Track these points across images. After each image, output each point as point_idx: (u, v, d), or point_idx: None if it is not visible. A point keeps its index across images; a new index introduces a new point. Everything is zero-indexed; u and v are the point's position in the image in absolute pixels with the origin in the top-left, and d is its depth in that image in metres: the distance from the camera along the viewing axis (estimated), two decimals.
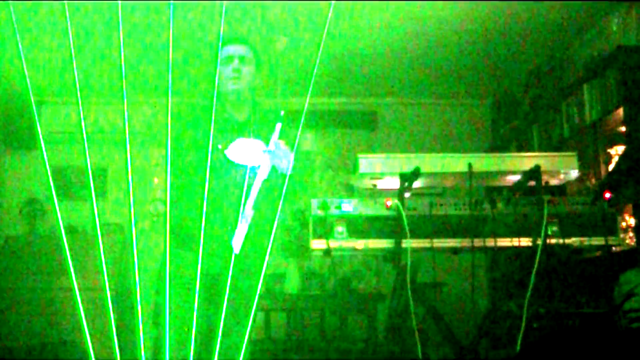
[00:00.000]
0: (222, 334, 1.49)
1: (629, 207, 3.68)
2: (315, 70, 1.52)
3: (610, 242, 3.11)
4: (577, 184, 4.14)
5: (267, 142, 2.55)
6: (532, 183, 3.03)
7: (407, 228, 2.90)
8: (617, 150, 4.00)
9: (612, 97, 3.93)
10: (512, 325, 2.89)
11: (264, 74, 2.96)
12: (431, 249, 3.01)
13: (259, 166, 2.45)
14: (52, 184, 1.37)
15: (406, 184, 2.98)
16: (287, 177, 2.47)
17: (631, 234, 3.74)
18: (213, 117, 2.17)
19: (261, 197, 2.40)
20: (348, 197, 3.11)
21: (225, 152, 2.50)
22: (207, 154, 1.88)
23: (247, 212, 2.37)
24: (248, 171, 2.49)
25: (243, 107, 2.77)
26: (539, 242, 2.86)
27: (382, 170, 3.07)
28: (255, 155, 2.46)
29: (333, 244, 3.00)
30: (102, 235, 1.40)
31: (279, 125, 2.54)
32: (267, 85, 5.13)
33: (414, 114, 6.12)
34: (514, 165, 3.13)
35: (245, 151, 2.51)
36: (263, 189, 2.40)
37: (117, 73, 1.36)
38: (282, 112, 2.63)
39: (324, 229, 3.00)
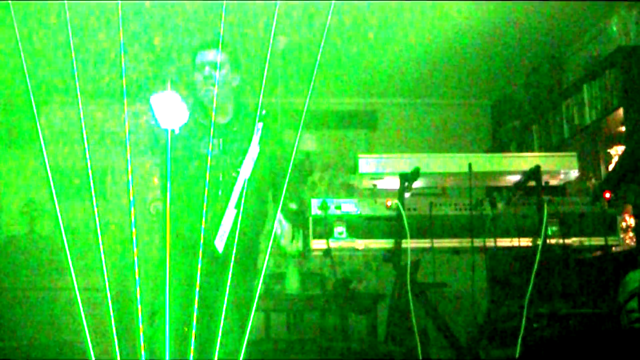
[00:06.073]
0: (199, 334, 1.48)
1: (629, 207, 3.68)
2: (315, 71, 1.52)
3: (610, 242, 3.11)
4: (577, 184, 4.14)
5: (249, 143, 2.54)
6: (532, 183, 3.03)
7: (407, 228, 2.89)
8: (617, 150, 4.00)
9: (612, 97, 3.93)
10: (512, 326, 2.88)
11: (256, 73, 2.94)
12: (431, 249, 3.01)
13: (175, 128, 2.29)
14: (52, 184, 1.37)
15: (406, 184, 2.98)
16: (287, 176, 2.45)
17: (631, 234, 3.74)
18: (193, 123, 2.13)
19: (244, 197, 2.41)
20: (348, 197, 3.11)
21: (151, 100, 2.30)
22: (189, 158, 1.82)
23: (229, 211, 2.38)
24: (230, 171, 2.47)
25: (225, 110, 2.80)
26: (539, 242, 2.86)
27: (382, 170, 3.07)
28: (175, 113, 2.27)
29: (333, 244, 3.00)
30: (102, 235, 1.40)
31: (260, 125, 2.55)
32: (268, 85, 5.11)
33: (414, 114, 6.11)
34: (514, 165, 3.13)
35: (167, 107, 2.28)
36: (246, 189, 2.41)
37: (117, 73, 1.36)
38: (264, 111, 2.64)
39: (324, 229, 3.00)
